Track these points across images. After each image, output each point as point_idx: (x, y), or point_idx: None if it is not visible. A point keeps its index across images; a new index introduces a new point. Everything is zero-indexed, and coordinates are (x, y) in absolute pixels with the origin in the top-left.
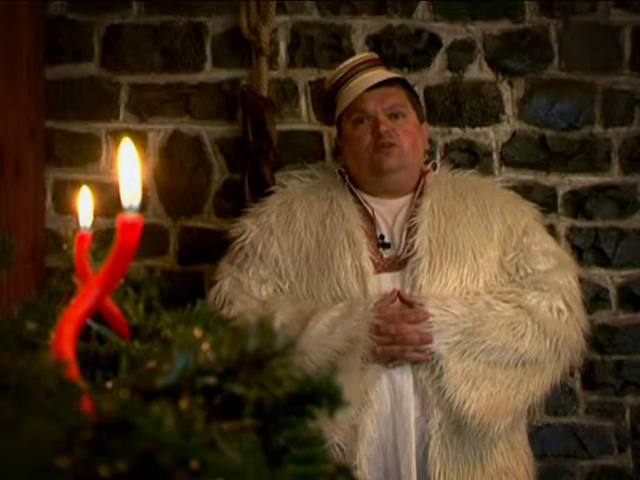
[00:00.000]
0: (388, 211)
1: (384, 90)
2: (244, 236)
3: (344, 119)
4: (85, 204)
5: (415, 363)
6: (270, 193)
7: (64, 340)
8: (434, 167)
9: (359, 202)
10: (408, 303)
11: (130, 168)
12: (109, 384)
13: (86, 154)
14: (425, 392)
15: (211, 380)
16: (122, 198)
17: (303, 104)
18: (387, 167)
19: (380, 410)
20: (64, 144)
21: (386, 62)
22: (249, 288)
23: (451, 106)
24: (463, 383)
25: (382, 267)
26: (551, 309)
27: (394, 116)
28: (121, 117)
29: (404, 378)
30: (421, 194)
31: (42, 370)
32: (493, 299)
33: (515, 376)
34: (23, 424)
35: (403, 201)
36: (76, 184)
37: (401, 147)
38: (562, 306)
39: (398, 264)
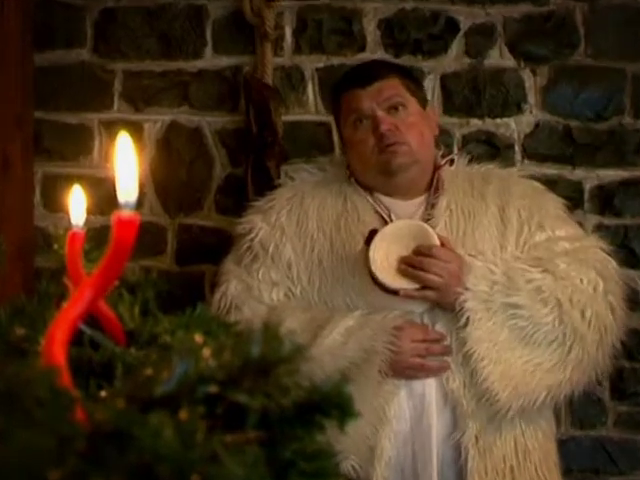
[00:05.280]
0: (403, 213)
1: (378, 85)
2: (253, 234)
3: (342, 121)
4: (77, 200)
5: (439, 375)
6: (277, 186)
7: (55, 346)
8: (451, 162)
9: (373, 201)
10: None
11: (126, 162)
12: (103, 393)
13: (78, 146)
14: (458, 403)
15: (213, 388)
16: (118, 194)
17: (310, 93)
18: (396, 166)
19: (398, 429)
20: (54, 136)
21: (399, 48)
22: (259, 292)
23: (469, 95)
24: (486, 341)
25: None
26: (582, 279)
27: (393, 108)
28: (115, 107)
29: (426, 393)
30: (437, 192)
31: (32, 378)
32: (521, 263)
33: (535, 355)
34: (13, 434)
35: (419, 201)
36: (67, 179)
37: (407, 143)
38: (595, 276)
39: None
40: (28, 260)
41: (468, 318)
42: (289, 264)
